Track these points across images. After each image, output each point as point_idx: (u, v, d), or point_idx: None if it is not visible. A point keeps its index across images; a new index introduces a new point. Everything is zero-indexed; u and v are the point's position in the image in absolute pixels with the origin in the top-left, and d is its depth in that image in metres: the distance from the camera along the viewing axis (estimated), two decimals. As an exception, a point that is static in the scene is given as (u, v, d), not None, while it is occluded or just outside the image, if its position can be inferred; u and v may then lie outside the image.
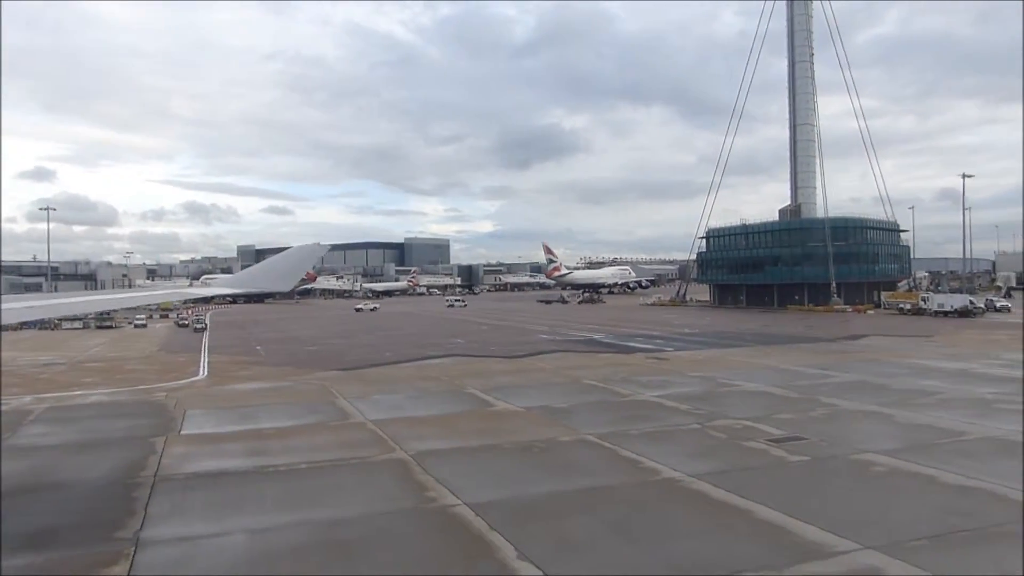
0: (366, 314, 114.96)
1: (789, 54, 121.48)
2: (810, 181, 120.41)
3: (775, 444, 22.02)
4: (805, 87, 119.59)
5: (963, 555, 13.19)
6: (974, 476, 18.09)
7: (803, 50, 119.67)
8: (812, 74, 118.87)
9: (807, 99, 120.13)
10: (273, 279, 24.03)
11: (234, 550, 14.20)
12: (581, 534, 14.62)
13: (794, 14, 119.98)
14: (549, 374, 39.35)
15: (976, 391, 30.98)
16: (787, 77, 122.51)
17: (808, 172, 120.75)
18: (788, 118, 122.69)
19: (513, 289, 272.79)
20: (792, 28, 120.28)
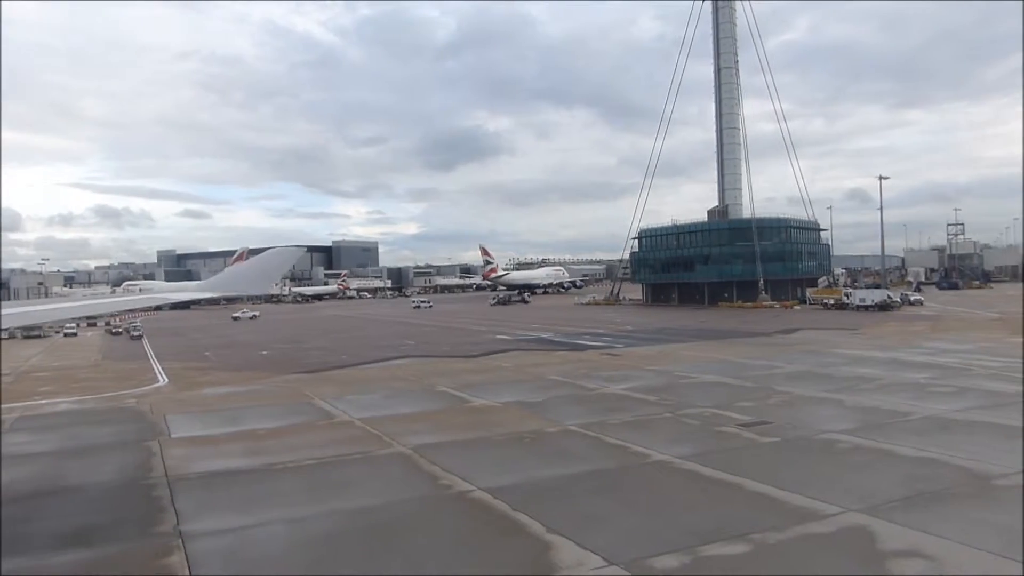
0: (305, 318, 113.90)
1: (715, 60, 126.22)
2: (736, 183, 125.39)
3: (745, 428, 24.01)
4: (730, 92, 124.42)
5: (932, 512, 15.19)
6: (925, 449, 20.38)
7: (728, 56, 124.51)
8: (737, 79, 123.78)
9: (732, 104, 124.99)
10: (250, 282, 24.17)
11: (279, 538, 15.10)
12: (598, 510, 16.08)
13: (719, 21, 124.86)
14: (512, 372, 40.76)
15: (910, 377, 33.89)
16: (713, 82, 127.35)
17: (734, 174, 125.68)
18: (715, 122, 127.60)
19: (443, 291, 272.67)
20: (717, 35, 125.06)
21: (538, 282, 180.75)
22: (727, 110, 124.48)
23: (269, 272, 23.41)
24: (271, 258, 24.16)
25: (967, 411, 25.64)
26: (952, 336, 53.08)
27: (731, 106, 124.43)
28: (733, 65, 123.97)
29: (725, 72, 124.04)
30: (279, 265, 24.16)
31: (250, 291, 24.25)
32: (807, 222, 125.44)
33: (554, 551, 13.73)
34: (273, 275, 24.04)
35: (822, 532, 14.37)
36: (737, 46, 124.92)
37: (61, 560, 14.15)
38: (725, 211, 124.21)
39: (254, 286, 24.35)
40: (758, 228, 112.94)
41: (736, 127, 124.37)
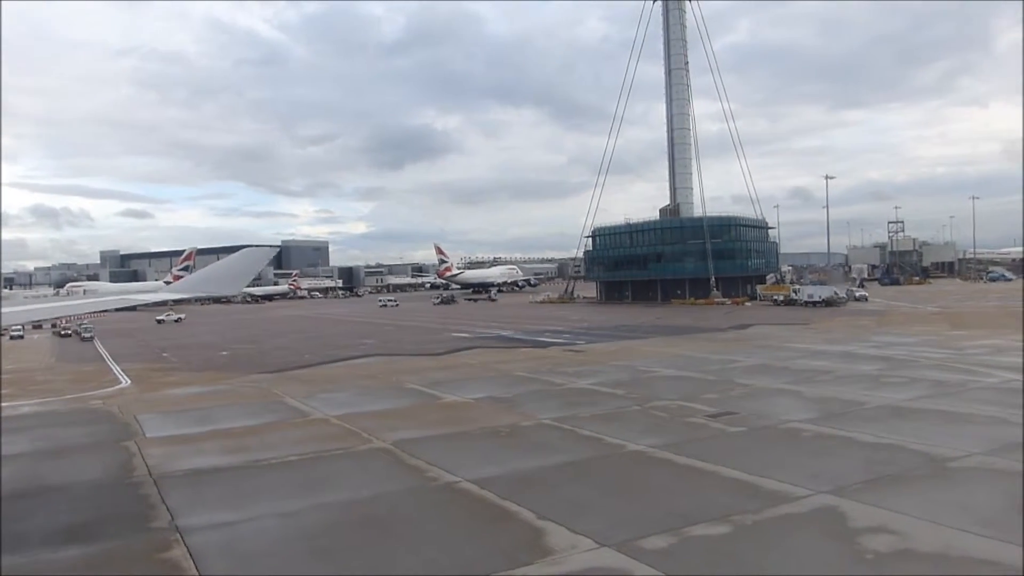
0: (258, 319, 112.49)
1: (665, 61, 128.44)
2: (687, 182, 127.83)
3: (712, 419, 25.04)
4: (681, 93, 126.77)
5: (895, 493, 16.29)
6: (882, 436, 21.61)
7: (678, 57, 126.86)
8: (688, 81, 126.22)
9: (683, 104, 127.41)
10: (222, 283, 23.79)
11: (277, 531, 15.45)
12: (583, 498, 16.81)
13: (669, 23, 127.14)
14: (478, 368, 41.33)
15: (862, 369, 35.51)
16: (662, 83, 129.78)
17: (685, 173, 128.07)
18: (665, 123, 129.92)
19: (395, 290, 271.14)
20: (668, 36, 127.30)
21: (492, 280, 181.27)
22: (678, 111, 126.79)
23: (241, 273, 23.06)
24: (243, 259, 24.02)
25: (918, 400, 27.15)
26: (897, 330, 55.42)
27: (682, 107, 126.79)
28: (683, 67, 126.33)
29: (676, 73, 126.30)
30: (251, 265, 23.89)
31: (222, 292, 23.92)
32: (756, 220, 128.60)
33: (547, 536, 14.39)
34: (245, 276, 23.75)
35: (796, 512, 15.34)
36: (687, 48, 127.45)
37: (62, 556, 14.31)
38: (677, 210, 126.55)
39: (226, 287, 24.01)
40: (709, 226, 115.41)
41: (687, 127, 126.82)
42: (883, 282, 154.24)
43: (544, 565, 12.98)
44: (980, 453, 19.33)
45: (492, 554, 13.56)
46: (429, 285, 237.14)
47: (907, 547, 13.18)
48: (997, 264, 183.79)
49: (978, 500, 15.65)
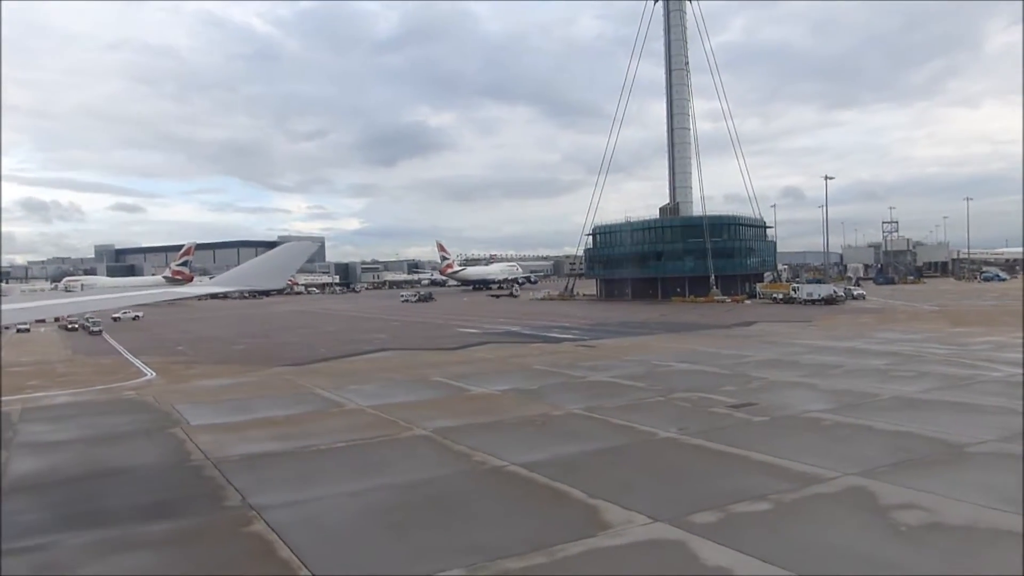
0: (260, 314, 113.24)
1: (666, 61, 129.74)
2: (687, 181, 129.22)
3: (735, 409, 26.25)
4: (681, 93, 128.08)
5: (919, 474, 17.52)
6: (899, 424, 22.87)
7: (679, 58, 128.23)
8: (688, 81, 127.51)
9: (683, 104, 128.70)
10: (267, 276, 24.34)
11: (347, 508, 16.57)
12: (627, 479, 17.98)
13: (670, 24, 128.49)
14: (497, 363, 42.46)
15: (870, 363, 36.78)
16: (658, 81, 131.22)
17: (684, 173, 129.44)
18: (666, 122, 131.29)
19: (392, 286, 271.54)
20: (669, 37, 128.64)
21: (493, 277, 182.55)
22: (678, 110, 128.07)
23: (284, 267, 23.41)
24: (285, 253, 24.78)
25: (929, 392, 28.43)
26: (899, 327, 56.77)
27: (682, 107, 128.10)
28: (684, 67, 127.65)
29: (676, 73, 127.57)
30: (293, 259, 24.28)
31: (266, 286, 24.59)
32: (754, 220, 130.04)
33: (602, 512, 15.55)
34: (288, 269, 24.19)
35: (829, 492, 16.54)
36: (687, 48, 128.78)
37: (154, 529, 15.39)
38: (676, 209, 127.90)
39: (270, 280, 24.53)
40: (709, 225, 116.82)
41: (687, 127, 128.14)
42: (878, 281, 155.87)
43: (606, 537, 14.14)
44: (994, 440, 20.61)
45: (557, 528, 14.69)
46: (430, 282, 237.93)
47: (937, 521, 14.40)
48: (991, 264, 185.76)
49: (997, 481, 16.87)
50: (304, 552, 13.70)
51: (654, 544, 13.75)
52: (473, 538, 14.40)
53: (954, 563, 12.46)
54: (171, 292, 28.33)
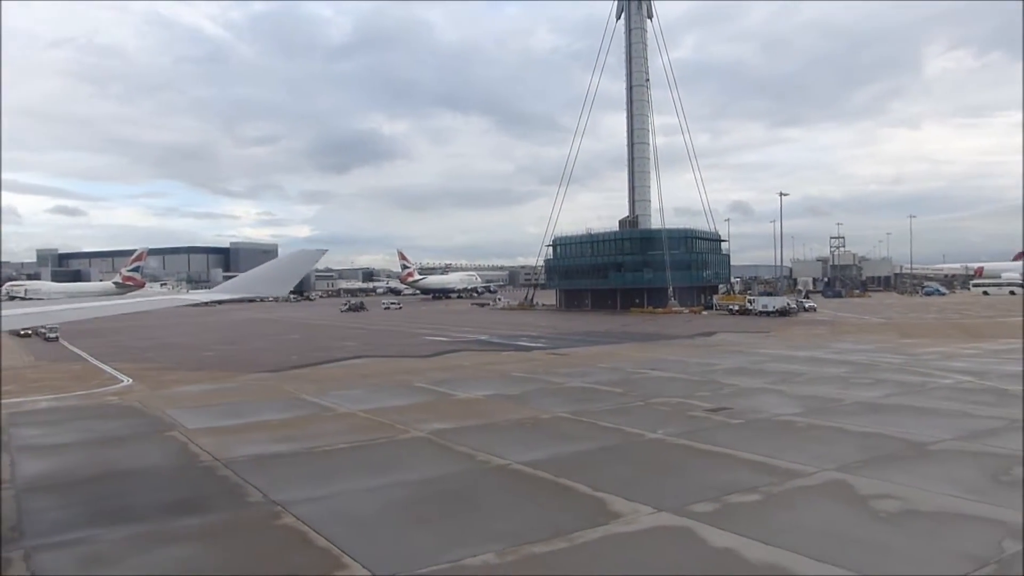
0: (219, 321, 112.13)
1: (627, 77, 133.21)
2: (645, 195, 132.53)
3: (712, 413, 27.86)
4: (641, 109, 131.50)
5: (890, 469, 19.25)
6: (865, 426, 24.71)
7: (639, 74, 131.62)
8: (649, 97, 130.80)
9: (643, 120, 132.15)
10: (271, 284, 24.83)
11: (371, 502, 17.50)
12: (626, 475, 19.31)
13: (632, 41, 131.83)
14: (474, 369, 43.56)
15: (830, 371, 38.94)
16: (624, 98, 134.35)
17: (644, 186, 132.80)
18: (626, 136, 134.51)
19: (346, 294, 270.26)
20: (630, 53, 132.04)
21: (453, 287, 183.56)
22: (638, 125, 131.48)
23: (289, 274, 23.74)
24: (291, 261, 25.40)
25: (888, 397, 30.51)
26: (852, 338, 59.55)
27: (642, 122, 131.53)
28: (644, 83, 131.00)
29: (637, 89, 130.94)
30: (299, 267, 24.76)
31: (270, 293, 25.05)
32: (710, 233, 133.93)
33: (609, 503, 16.84)
34: (294, 277, 24.63)
35: (811, 484, 18.14)
36: (647, 64, 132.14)
37: (185, 524, 16.12)
38: (636, 221, 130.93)
39: (274, 288, 24.85)
40: (667, 238, 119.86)
41: (646, 142, 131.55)
42: (827, 295, 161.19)
43: (618, 525, 15.43)
44: (952, 439, 22.56)
45: (571, 517, 15.92)
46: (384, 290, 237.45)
47: (911, 508, 16.05)
48: (931, 279, 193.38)
49: (959, 474, 18.69)
50: (340, 541, 14.67)
51: (664, 530, 15.09)
52: (495, 527, 15.54)
53: (931, 542, 14.06)
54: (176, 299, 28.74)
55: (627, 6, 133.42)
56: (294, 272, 24.46)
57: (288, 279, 24.40)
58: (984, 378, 35.08)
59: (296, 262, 24.90)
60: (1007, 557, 13.16)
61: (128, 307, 27.53)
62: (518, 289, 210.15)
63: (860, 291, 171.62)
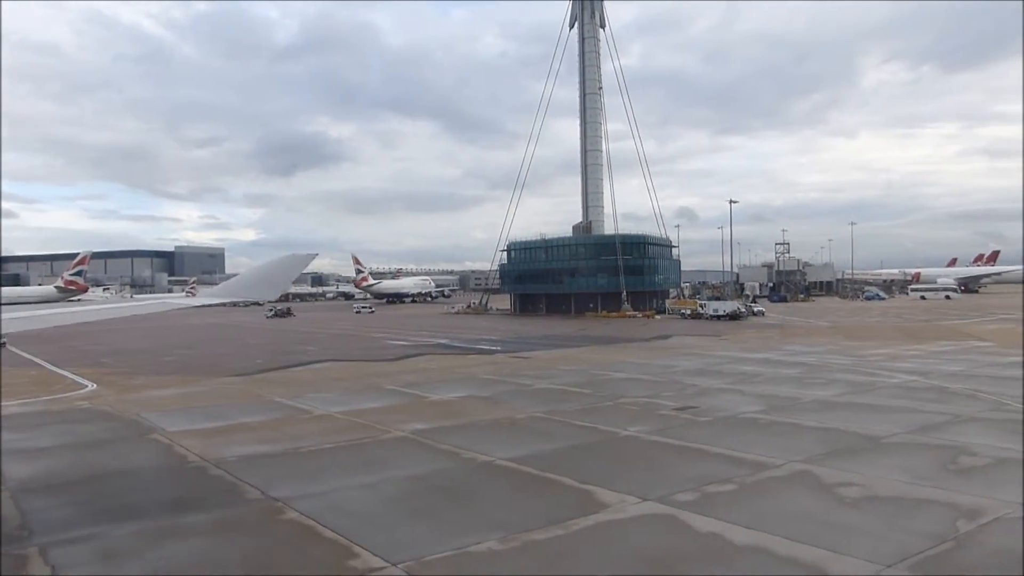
0: (171, 326, 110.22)
1: (580, 86, 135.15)
2: (599, 201, 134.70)
3: (680, 412, 29.21)
4: (595, 116, 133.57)
5: (850, 460, 20.77)
6: (823, 422, 26.34)
7: (593, 82, 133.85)
8: (602, 105, 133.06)
9: (596, 127, 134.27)
10: (261, 288, 24.92)
11: (368, 497, 18.25)
12: (607, 469, 20.41)
13: (585, 50, 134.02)
14: (441, 372, 44.30)
15: (785, 372, 40.81)
16: (579, 106, 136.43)
17: (597, 192, 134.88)
18: (579, 143, 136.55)
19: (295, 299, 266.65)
20: (584, 62, 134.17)
21: (407, 291, 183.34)
22: (591, 132, 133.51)
23: (279, 279, 23.60)
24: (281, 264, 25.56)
25: (841, 396, 32.31)
26: (801, 341, 61.95)
27: (595, 129, 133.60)
28: (598, 91, 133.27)
29: (590, 97, 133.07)
30: (289, 272, 24.43)
31: (260, 297, 25.04)
32: (661, 239, 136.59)
33: (596, 494, 17.92)
34: (283, 282, 24.64)
35: (781, 475, 19.51)
36: (600, 73, 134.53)
37: (190, 520, 16.66)
38: (589, 227, 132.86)
39: (264, 292, 24.66)
40: (620, 243, 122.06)
41: (599, 148, 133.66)
42: (773, 299, 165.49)
43: (608, 513, 16.52)
44: (903, 432, 24.28)
45: (563, 507, 16.95)
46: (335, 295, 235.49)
47: (873, 494, 17.51)
48: (871, 284, 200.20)
49: (912, 463, 20.28)
50: (347, 532, 15.42)
51: (651, 517, 16.22)
52: (492, 517, 16.47)
53: (893, 523, 15.45)
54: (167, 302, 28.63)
55: (580, 15, 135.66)
56: (284, 276, 24.44)
57: (278, 283, 24.52)
58: (928, 377, 37.32)
59: (286, 266, 24.91)
60: (962, 535, 14.64)
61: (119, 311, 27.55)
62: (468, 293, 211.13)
63: (804, 296, 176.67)
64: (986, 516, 15.68)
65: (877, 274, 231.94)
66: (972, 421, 26.09)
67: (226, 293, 26.27)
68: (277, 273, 24.09)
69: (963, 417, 26.79)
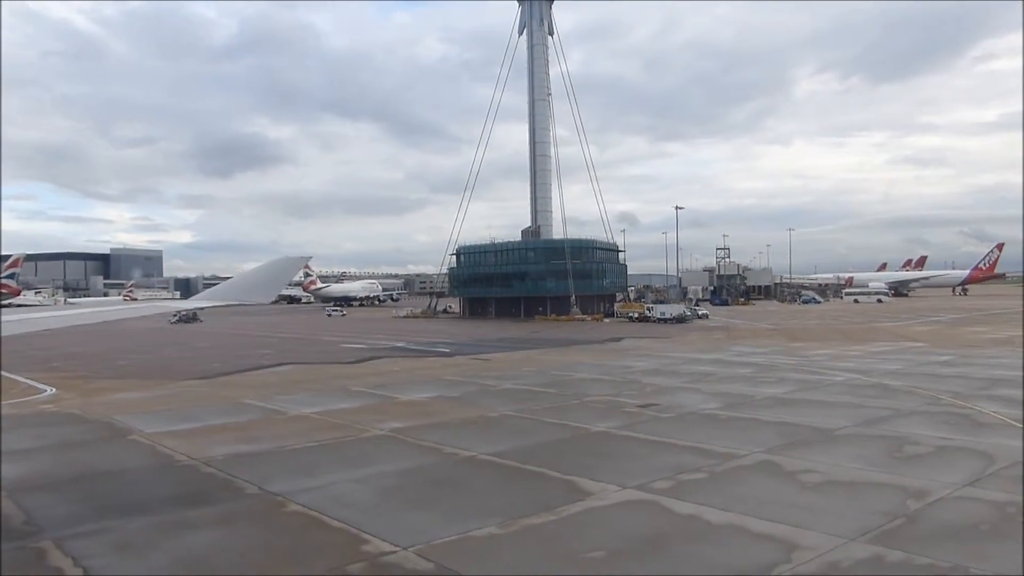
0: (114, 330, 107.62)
1: (529, 92, 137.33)
2: (547, 205, 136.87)
3: (643, 409, 30.77)
4: (543, 122, 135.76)
5: (807, 450, 22.55)
6: (779, 417, 28.21)
7: (541, 88, 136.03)
8: (551, 111, 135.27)
9: (544, 133, 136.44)
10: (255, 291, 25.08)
11: (363, 489, 19.16)
12: (585, 462, 21.67)
13: (534, 56, 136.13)
14: (405, 374, 45.12)
15: (737, 372, 42.90)
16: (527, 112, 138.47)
17: (545, 197, 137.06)
18: (528, 149, 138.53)
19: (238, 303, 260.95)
20: (532, 69, 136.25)
21: (355, 295, 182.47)
22: (540, 138, 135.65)
23: (273, 281, 23.64)
24: (275, 267, 25.95)
25: (792, 393, 34.38)
26: (748, 343, 64.64)
27: (544, 135, 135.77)
28: (546, 97, 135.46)
29: (539, 103, 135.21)
30: (283, 274, 24.64)
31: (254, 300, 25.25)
32: (608, 244, 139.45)
33: (579, 484, 19.19)
34: (277, 285, 24.81)
35: (747, 464, 21.13)
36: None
37: (197, 514, 17.32)
38: (537, 231, 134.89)
39: (258, 295, 24.63)
40: (569, 248, 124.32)
41: (548, 154, 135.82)
42: (714, 302, 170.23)
43: (594, 500, 17.82)
44: (852, 426, 26.27)
45: (550, 496, 18.17)
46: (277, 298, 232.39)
47: (831, 479, 19.24)
48: (807, 288, 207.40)
49: (864, 452, 22.15)
50: (353, 521, 16.33)
51: (634, 503, 17.58)
52: (487, 505, 17.60)
53: (851, 504, 17.14)
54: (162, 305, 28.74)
55: (529, 22, 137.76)
56: (278, 279, 24.65)
57: (272, 286, 24.72)
58: (869, 375, 39.83)
59: (279, 269, 25.26)
60: (912, 512, 16.39)
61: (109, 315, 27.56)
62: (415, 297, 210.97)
63: (744, 299, 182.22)
64: (931, 496, 17.50)
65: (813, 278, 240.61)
66: (913, 414, 28.30)
67: (221, 296, 26.60)
68: (272, 276, 24.50)
69: (904, 411, 29.00)
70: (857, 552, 13.97)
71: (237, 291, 25.04)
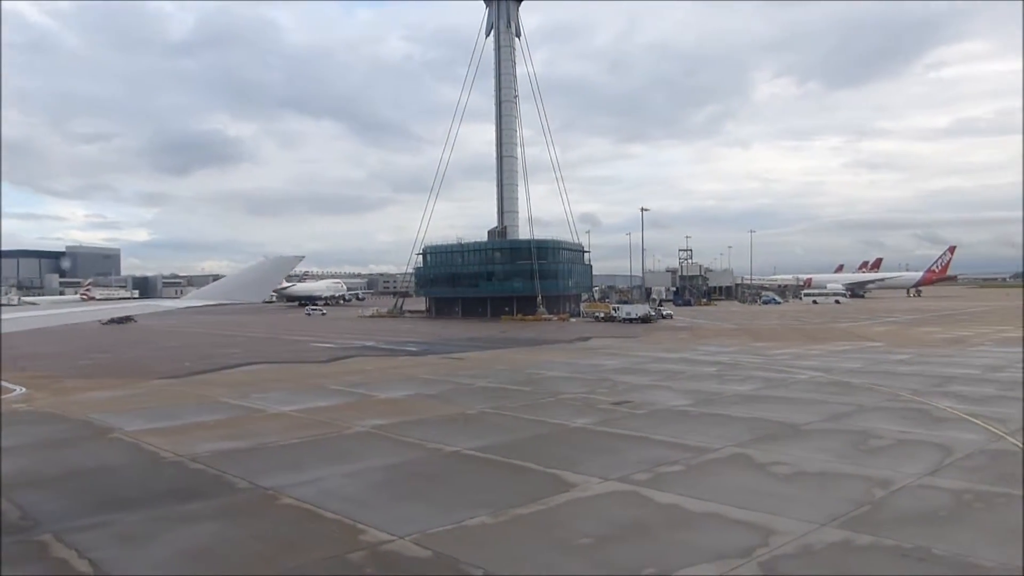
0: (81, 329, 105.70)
1: (496, 93, 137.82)
2: (513, 206, 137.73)
3: (617, 406, 31.68)
4: (510, 124, 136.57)
5: (777, 444, 23.64)
6: (748, 413, 29.32)
7: (508, 90, 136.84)
8: (518, 113, 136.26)
9: (511, 134, 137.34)
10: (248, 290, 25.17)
11: (355, 483, 19.70)
12: (566, 456, 22.45)
13: (501, 58, 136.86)
14: (380, 373, 45.50)
15: (704, 370, 44.14)
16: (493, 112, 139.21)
17: (511, 198, 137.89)
18: (495, 150, 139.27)
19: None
20: (499, 71, 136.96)
21: (320, 294, 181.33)
22: (507, 139, 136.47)
23: (266, 280, 23.76)
24: (268, 266, 26.18)
25: (758, 390, 35.62)
26: (712, 342, 66.16)
27: (510, 136, 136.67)
28: (513, 99, 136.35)
29: (506, 106, 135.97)
30: (275, 273, 24.81)
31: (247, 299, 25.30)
32: (574, 244, 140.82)
33: (563, 477, 19.98)
34: (270, 283, 24.92)
35: (720, 457, 22.12)
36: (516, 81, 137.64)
37: (193, 508, 17.73)
38: (504, 232, 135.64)
39: (251, 294, 24.61)
40: (535, 248, 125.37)
41: (514, 155, 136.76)
42: (677, 303, 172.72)
43: (578, 491, 18.62)
44: (819, 420, 27.50)
45: (536, 488, 18.92)
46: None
47: (801, 470, 20.31)
48: (767, 289, 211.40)
49: (830, 445, 23.30)
50: (348, 513, 16.91)
51: (616, 494, 18.42)
52: (476, 497, 18.28)
53: (821, 493, 18.21)
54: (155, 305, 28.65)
55: (496, 23, 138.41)
56: (271, 278, 24.79)
57: (265, 285, 24.92)
58: (831, 373, 41.36)
59: (273, 268, 25.43)
60: (878, 500, 17.48)
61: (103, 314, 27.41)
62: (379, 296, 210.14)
63: (707, 300, 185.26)
64: (895, 485, 18.64)
65: (773, 280, 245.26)
66: (874, 410, 29.66)
67: (214, 295, 26.67)
68: (264, 275, 24.72)
69: (866, 407, 30.35)
70: (829, 536, 14.96)
71: (231, 290, 25.16)
